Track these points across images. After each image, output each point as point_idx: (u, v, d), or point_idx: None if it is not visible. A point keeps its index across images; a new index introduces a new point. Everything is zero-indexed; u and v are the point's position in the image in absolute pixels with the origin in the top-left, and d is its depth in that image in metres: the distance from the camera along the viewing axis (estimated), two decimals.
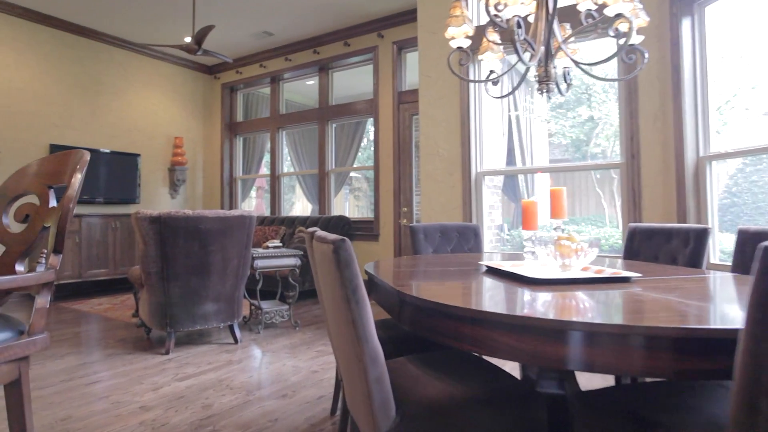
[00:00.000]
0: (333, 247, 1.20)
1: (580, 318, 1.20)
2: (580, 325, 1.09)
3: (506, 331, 1.19)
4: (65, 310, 4.93)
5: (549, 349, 1.13)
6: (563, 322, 1.11)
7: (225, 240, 3.32)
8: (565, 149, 8.86)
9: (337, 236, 1.23)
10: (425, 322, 1.45)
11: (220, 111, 7.63)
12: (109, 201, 6.30)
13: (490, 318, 1.22)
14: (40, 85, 5.82)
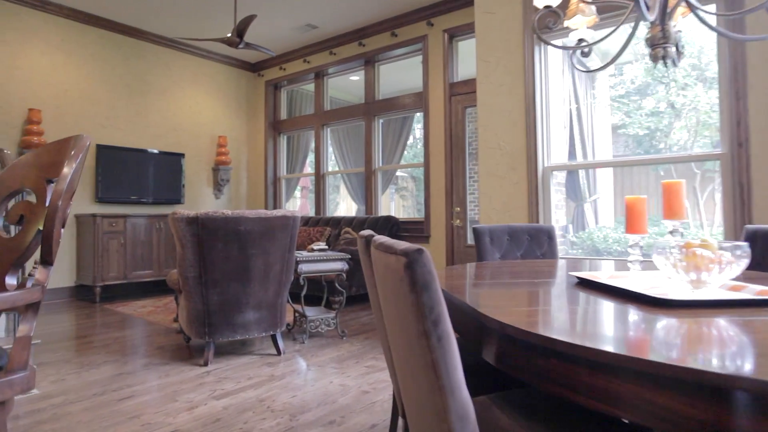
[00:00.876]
0: (405, 262, 0.85)
1: None
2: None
3: (645, 385, 0.81)
4: (109, 312, 4.83)
5: (711, 414, 0.74)
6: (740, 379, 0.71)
7: (267, 243, 3.04)
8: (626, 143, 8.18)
9: (410, 245, 0.88)
10: (520, 359, 1.08)
11: (264, 109, 7.46)
12: (154, 201, 6.22)
13: (622, 363, 0.84)
14: (87, 85, 5.79)
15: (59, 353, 3.39)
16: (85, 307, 5.12)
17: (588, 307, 1.29)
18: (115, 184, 5.87)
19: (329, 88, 7.05)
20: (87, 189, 5.74)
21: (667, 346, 0.94)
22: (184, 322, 3.16)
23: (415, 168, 10.81)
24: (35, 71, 5.40)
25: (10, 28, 5.24)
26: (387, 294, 1.04)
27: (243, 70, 7.52)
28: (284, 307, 3.29)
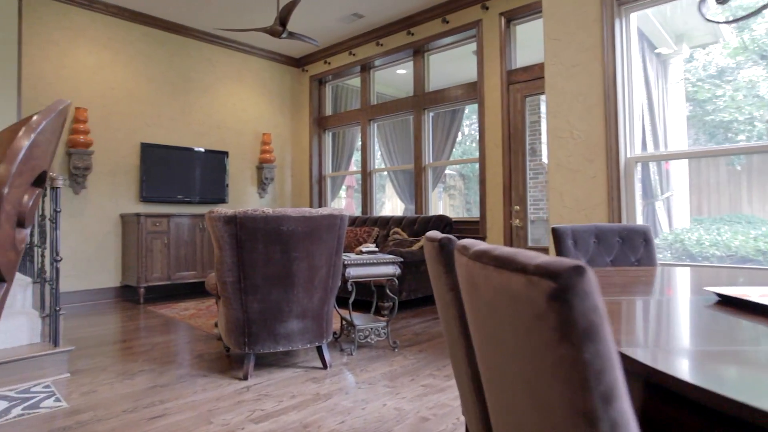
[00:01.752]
0: (553, 289, 0.48)
1: None
2: None
3: None
4: (153, 314, 4.68)
5: None
6: None
7: (312, 244, 2.72)
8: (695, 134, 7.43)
9: (555, 259, 0.51)
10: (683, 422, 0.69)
11: (309, 105, 7.23)
12: (197, 200, 6.08)
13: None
14: (132, 83, 5.71)
15: (96, 359, 3.20)
16: (129, 308, 5.00)
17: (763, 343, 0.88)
18: (159, 183, 5.76)
19: (375, 83, 6.73)
20: (131, 188, 5.66)
21: None
22: (223, 330, 2.90)
23: (463, 165, 10.35)
24: (82, 70, 5.35)
25: (59, 28, 5.20)
26: (498, 332, 0.67)
27: (287, 66, 7.32)
28: (331, 315, 2.97)
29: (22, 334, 2.95)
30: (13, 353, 2.78)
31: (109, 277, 5.48)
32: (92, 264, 5.35)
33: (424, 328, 4.01)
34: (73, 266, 5.22)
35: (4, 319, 2.91)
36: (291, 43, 6.66)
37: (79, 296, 5.25)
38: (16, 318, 2.94)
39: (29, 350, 2.84)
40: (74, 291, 5.21)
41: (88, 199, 5.34)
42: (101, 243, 5.42)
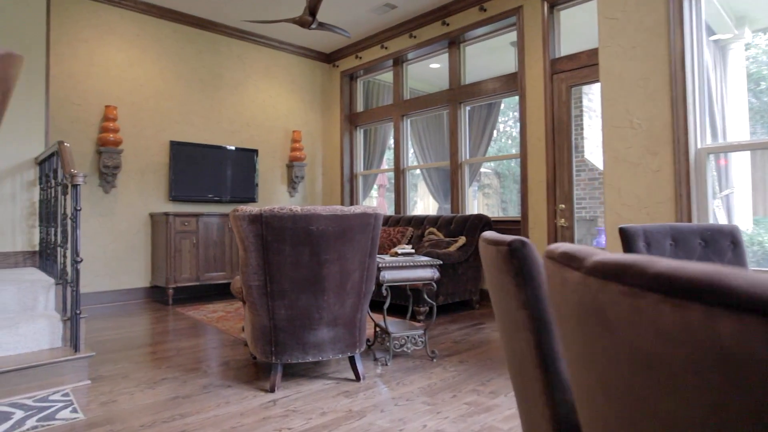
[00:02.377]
0: None
1: None
2: None
3: None
4: (180, 317, 4.55)
5: None
6: None
7: (344, 246, 2.49)
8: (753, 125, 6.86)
9: None
10: None
11: (340, 101, 7.03)
12: (226, 199, 5.96)
13: None
14: (161, 81, 5.62)
15: (119, 365, 3.06)
16: (158, 309, 4.90)
17: None
18: (188, 181, 5.66)
19: (408, 78, 6.46)
20: (161, 187, 5.57)
21: None
22: (249, 338, 2.70)
23: (499, 163, 9.98)
24: (111, 68, 5.28)
25: (89, 26, 5.14)
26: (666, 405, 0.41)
27: (317, 62, 7.14)
28: (364, 323, 2.73)
29: (43, 338, 2.82)
30: (33, 358, 2.65)
31: (139, 277, 5.40)
32: (122, 264, 5.28)
33: (463, 335, 3.73)
34: (103, 266, 5.15)
35: (25, 322, 2.79)
36: (321, 38, 6.47)
37: (110, 296, 5.18)
38: (37, 321, 2.81)
39: (49, 355, 2.71)
40: (104, 291, 5.15)
41: (118, 198, 5.27)
42: (131, 243, 5.35)
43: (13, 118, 3.83)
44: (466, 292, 4.61)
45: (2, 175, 3.79)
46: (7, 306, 2.92)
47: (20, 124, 3.86)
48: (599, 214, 7.27)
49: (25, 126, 3.89)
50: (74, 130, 5.02)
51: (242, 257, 2.52)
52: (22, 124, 3.87)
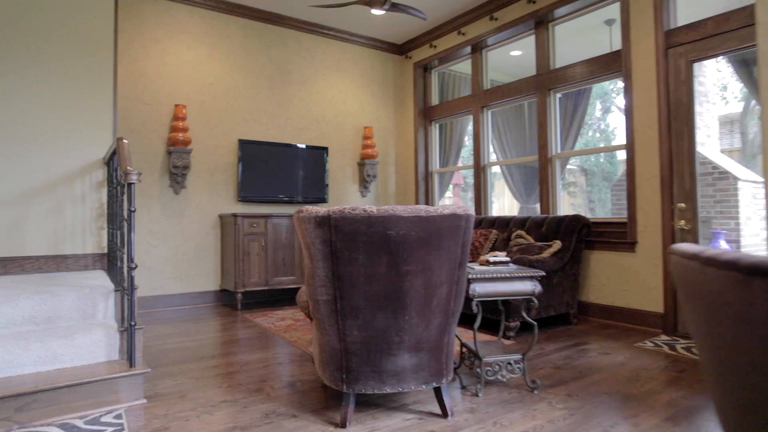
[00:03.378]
0: None
1: None
2: None
3: None
4: (248, 323, 4.30)
5: None
6: None
7: (429, 254, 2.03)
8: None
9: None
10: None
11: (413, 94, 6.58)
12: (295, 200, 5.70)
13: None
14: (230, 78, 5.46)
15: (178, 380, 2.79)
16: (226, 315, 4.69)
17: None
18: (257, 181, 5.45)
19: (488, 65, 5.90)
20: (230, 187, 5.40)
21: None
22: (317, 360, 2.31)
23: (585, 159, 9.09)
24: (181, 66, 5.17)
25: (160, 25, 5.06)
26: None
27: (389, 53, 6.74)
28: (452, 348, 2.26)
29: (99, 350, 2.60)
30: (87, 373, 2.42)
31: (208, 280, 5.25)
32: (192, 266, 5.15)
33: (564, 359, 3.14)
34: (174, 268, 5.04)
35: (82, 332, 2.57)
36: (393, 29, 6.06)
37: (180, 300, 5.06)
38: (94, 332, 2.59)
39: (104, 370, 2.47)
40: (175, 294, 5.03)
41: (188, 199, 5.15)
42: (201, 245, 5.21)
43: (82, 118, 3.72)
44: (563, 304, 4.00)
45: (73, 175, 3.69)
46: (66, 313, 2.73)
47: (89, 124, 3.75)
48: (714, 215, 6.30)
49: (94, 126, 3.78)
50: (146, 131, 4.94)
51: (308, 267, 2.13)
52: (90, 124, 3.76)
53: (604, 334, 3.76)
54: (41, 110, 3.59)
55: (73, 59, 3.70)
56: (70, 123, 3.68)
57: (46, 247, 3.59)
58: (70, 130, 3.68)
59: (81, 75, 3.72)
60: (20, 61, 3.50)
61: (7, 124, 3.47)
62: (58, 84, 3.64)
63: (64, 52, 3.66)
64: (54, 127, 3.63)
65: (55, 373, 2.44)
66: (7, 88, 3.47)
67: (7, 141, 3.47)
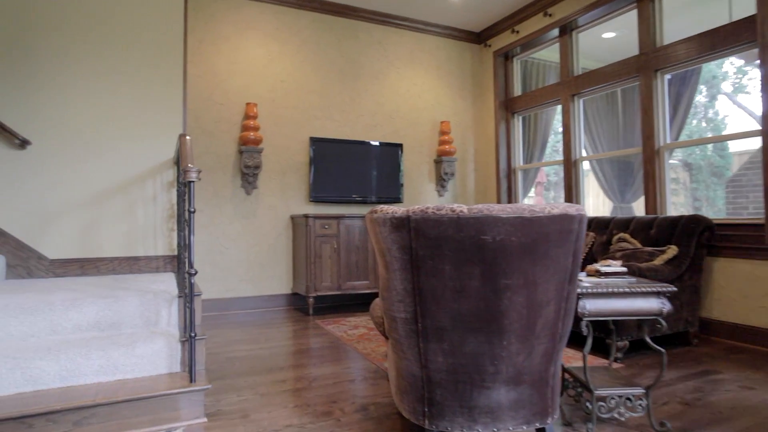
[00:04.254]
0: None
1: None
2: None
3: None
4: (319, 331, 4.06)
5: None
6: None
7: (534, 265, 1.62)
8: None
9: None
10: None
11: (493, 85, 6.09)
12: (368, 200, 5.41)
13: None
14: (300, 74, 5.28)
15: (243, 397, 2.56)
16: (297, 320, 4.49)
17: None
18: (328, 181, 5.22)
19: (579, 49, 5.29)
20: (301, 187, 5.22)
21: None
22: (393, 386, 1.96)
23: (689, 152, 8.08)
24: (252, 64, 5.05)
25: (230, 23, 4.97)
26: None
27: (466, 42, 6.29)
28: (558, 379, 1.82)
29: (161, 361, 2.42)
30: (146, 387, 2.24)
31: (280, 283, 5.10)
32: (264, 269, 5.02)
33: (694, 391, 2.57)
34: (246, 270, 4.93)
35: (143, 341, 2.40)
36: (470, 15, 5.62)
37: (252, 302, 4.94)
38: (155, 341, 2.42)
39: (164, 383, 2.28)
40: (247, 297, 4.92)
41: (260, 199, 5.02)
42: (273, 247, 5.06)
43: (152, 118, 3.65)
44: (680, 321, 3.38)
45: (144, 175, 3.62)
46: (129, 320, 2.59)
47: (160, 124, 3.67)
48: None
49: (165, 125, 3.69)
50: (218, 131, 4.87)
51: (383, 277, 1.79)
52: (161, 124, 3.67)
53: (736, 361, 3.10)
54: (114, 112, 3.54)
55: (144, 60, 3.63)
56: (141, 123, 3.61)
57: (119, 249, 3.54)
58: (141, 130, 3.61)
59: (152, 76, 3.65)
60: (93, 64, 3.47)
61: (83, 127, 3.45)
62: (130, 86, 3.58)
63: (135, 54, 3.60)
64: (126, 127, 3.57)
65: (116, 384, 2.28)
66: (81, 91, 3.44)
67: (83, 143, 3.44)
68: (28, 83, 3.32)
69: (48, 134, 3.37)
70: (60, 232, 3.39)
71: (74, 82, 3.43)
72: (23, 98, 3.31)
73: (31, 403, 2.09)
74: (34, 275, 3.33)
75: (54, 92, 3.38)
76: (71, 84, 3.42)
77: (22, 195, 3.30)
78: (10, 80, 3.27)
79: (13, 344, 2.36)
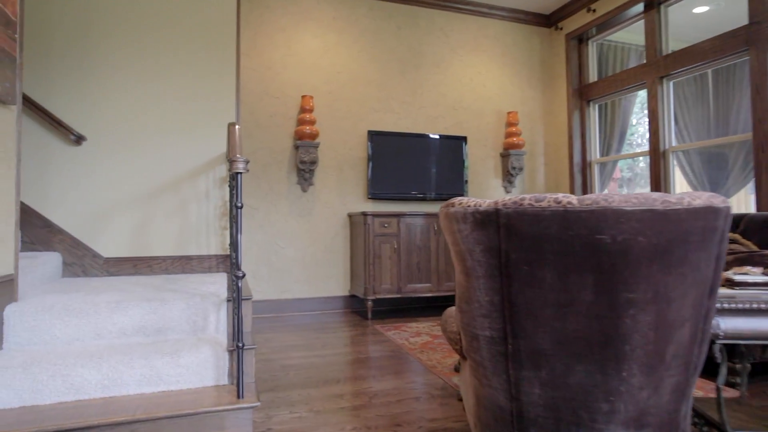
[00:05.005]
0: None
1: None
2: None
3: None
4: (378, 337, 3.77)
5: None
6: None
7: (666, 272, 1.22)
8: None
9: None
10: None
11: (566, 71, 5.58)
12: (430, 197, 5.07)
13: None
14: (357, 65, 5.01)
15: (297, 412, 2.30)
16: (355, 324, 4.22)
17: None
18: (388, 176, 4.92)
19: (668, 25, 4.69)
20: (359, 183, 4.95)
21: None
22: (471, 415, 1.61)
23: None
24: (308, 55, 4.84)
25: (286, 14, 4.78)
26: None
27: (534, 26, 5.80)
28: (689, 421, 1.41)
29: (207, 372, 2.20)
30: (190, 401, 2.02)
31: (338, 284, 4.86)
32: (320, 269, 4.79)
33: None
34: (302, 270, 4.73)
35: (188, 350, 2.19)
36: None
37: (308, 304, 4.73)
38: (201, 349, 2.20)
39: (210, 398, 2.05)
40: (303, 298, 4.71)
41: (316, 196, 4.80)
42: (329, 246, 4.83)
43: (205, 112, 3.49)
44: None
45: (197, 171, 3.46)
46: (175, 325, 2.40)
47: (212, 118, 3.50)
48: None
49: (218, 119, 3.52)
50: (273, 125, 4.69)
51: (461, 285, 1.45)
52: (214, 118, 3.51)
53: None
54: (167, 107, 3.41)
55: (196, 55, 3.48)
56: (193, 118, 3.46)
57: (171, 247, 3.40)
58: (193, 124, 3.46)
59: (205, 70, 3.49)
60: (146, 62, 3.35)
61: (136, 123, 3.33)
62: (182, 79, 3.44)
63: (187, 49, 3.45)
64: (178, 122, 3.43)
65: (159, 396, 2.08)
66: (135, 88, 3.33)
67: (136, 139, 3.33)
68: (86, 81, 3.24)
69: (103, 131, 3.28)
70: (113, 230, 3.28)
71: (128, 79, 3.32)
72: (80, 95, 3.23)
73: (72, 414, 1.92)
74: (89, 274, 3.25)
75: (109, 89, 3.29)
76: (125, 81, 3.31)
77: (78, 191, 3.22)
78: (69, 78, 3.20)
79: (58, 348, 2.21)
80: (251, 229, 4.59)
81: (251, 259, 4.57)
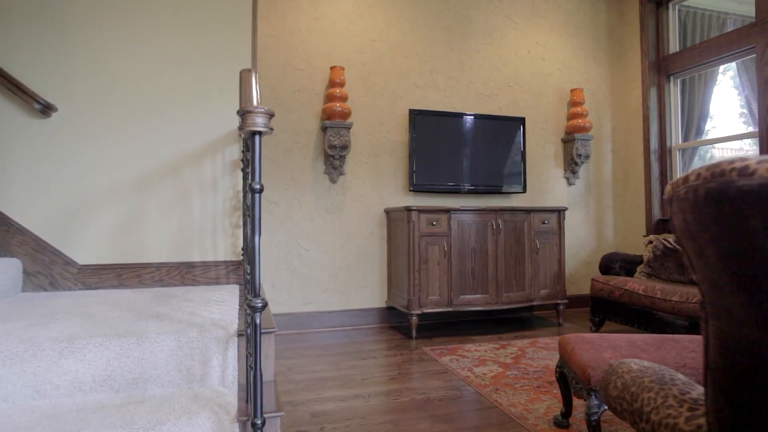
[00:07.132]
0: None
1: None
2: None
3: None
4: (430, 365, 2.94)
5: None
6: None
7: None
8: None
9: None
10: None
11: (641, 42, 4.69)
12: (484, 190, 4.22)
13: None
14: (397, 32, 4.19)
15: None
16: (398, 345, 3.40)
17: None
18: (432, 165, 4.09)
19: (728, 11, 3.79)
20: (398, 173, 4.13)
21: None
22: None
23: None
24: (338, 20, 4.04)
25: None
26: None
27: None
28: None
29: None
30: None
31: (372, 295, 4.04)
32: (352, 276, 3.99)
33: None
34: (330, 278, 3.92)
35: (176, 420, 1.38)
36: None
37: (337, 319, 3.92)
38: (198, 416, 1.39)
39: None
40: (331, 312, 3.91)
41: (347, 188, 4.00)
42: (362, 249, 4.02)
43: (213, 79, 2.70)
44: None
45: (201, 152, 2.68)
46: (159, 373, 1.60)
47: (220, 85, 2.72)
48: None
49: (227, 87, 2.73)
50: (296, 103, 3.90)
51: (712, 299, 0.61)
52: (223, 85, 2.72)
53: None
54: (164, 72, 2.63)
55: (203, 6, 2.69)
56: (197, 86, 2.68)
57: (168, 252, 2.61)
58: (197, 92, 2.68)
59: (215, 31, 2.71)
60: (137, 10, 2.57)
61: (124, 88, 2.56)
62: (184, 39, 2.66)
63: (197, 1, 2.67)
64: (178, 91, 2.65)
65: None
66: (122, 44, 2.56)
67: (123, 109, 2.55)
68: (61, 39, 2.47)
69: (79, 100, 2.51)
70: (92, 229, 2.51)
71: (114, 32, 2.55)
72: (51, 56, 2.46)
73: None
74: (58, 286, 2.47)
75: (89, 42, 2.51)
76: (109, 35, 2.54)
77: (45, 178, 2.46)
78: (38, 37, 2.44)
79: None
80: (270, 228, 3.80)
81: (270, 264, 3.79)
